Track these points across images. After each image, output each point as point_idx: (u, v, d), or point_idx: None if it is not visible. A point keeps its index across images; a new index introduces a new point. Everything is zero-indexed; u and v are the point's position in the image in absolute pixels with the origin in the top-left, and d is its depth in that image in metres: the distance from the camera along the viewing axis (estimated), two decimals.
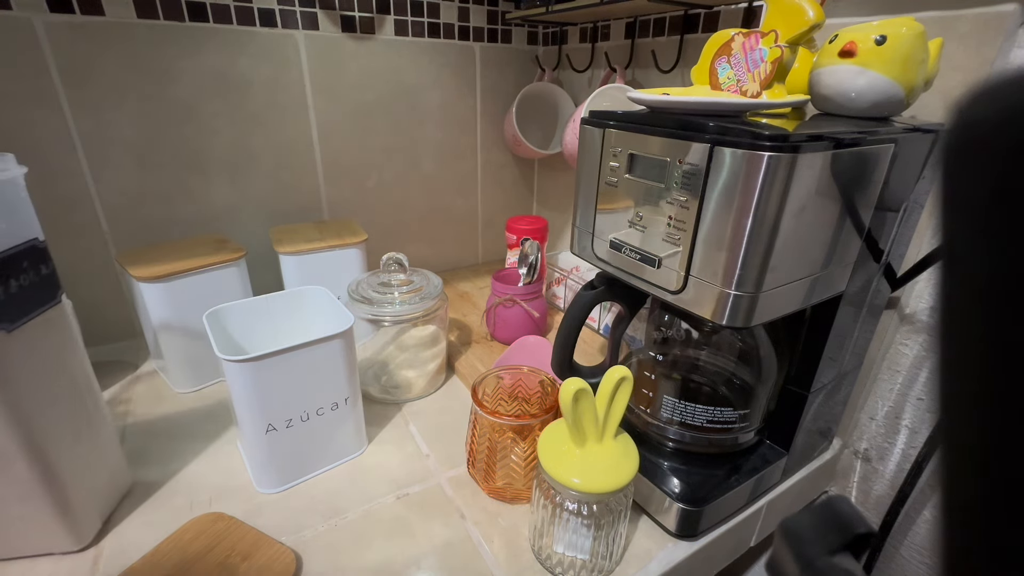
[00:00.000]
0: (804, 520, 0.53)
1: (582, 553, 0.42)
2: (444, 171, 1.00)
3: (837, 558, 0.52)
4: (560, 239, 1.07)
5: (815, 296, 0.41)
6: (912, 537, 0.58)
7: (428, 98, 0.92)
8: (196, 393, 0.67)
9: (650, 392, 0.50)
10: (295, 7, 0.76)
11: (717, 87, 0.44)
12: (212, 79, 0.73)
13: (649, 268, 0.41)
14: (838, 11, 0.54)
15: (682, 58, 0.72)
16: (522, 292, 0.75)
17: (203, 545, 0.44)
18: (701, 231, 0.36)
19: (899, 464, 0.58)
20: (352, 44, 0.82)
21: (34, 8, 0.61)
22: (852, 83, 0.41)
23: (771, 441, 0.53)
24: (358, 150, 0.89)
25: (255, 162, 0.80)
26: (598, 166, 0.44)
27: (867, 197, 0.40)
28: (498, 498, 0.52)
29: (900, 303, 0.55)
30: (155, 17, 0.68)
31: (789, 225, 0.34)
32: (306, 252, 0.72)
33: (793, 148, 0.32)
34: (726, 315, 0.37)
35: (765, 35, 0.40)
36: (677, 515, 0.47)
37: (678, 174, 0.37)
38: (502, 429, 0.49)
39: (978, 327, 0.11)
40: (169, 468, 0.55)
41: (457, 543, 0.47)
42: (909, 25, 0.39)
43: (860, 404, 0.60)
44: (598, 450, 0.42)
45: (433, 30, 0.88)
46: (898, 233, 0.46)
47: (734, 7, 0.66)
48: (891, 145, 0.38)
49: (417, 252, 1.03)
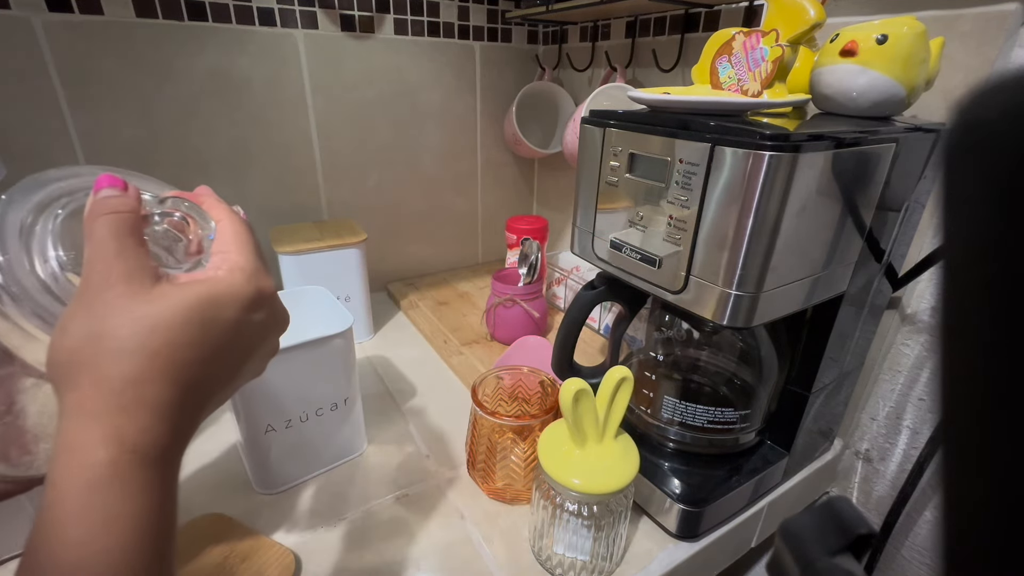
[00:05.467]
0: (805, 521, 0.53)
1: (582, 554, 0.42)
2: (444, 171, 1.00)
3: (838, 559, 0.52)
4: (560, 239, 1.07)
5: (816, 296, 0.41)
6: (913, 538, 0.58)
7: (428, 97, 0.92)
8: None
9: (651, 392, 0.50)
10: (294, 6, 0.75)
11: (718, 86, 0.44)
12: (211, 78, 0.73)
13: (650, 268, 0.41)
14: (839, 10, 0.54)
15: (683, 57, 0.72)
16: (522, 292, 0.75)
17: (202, 546, 0.44)
18: (702, 231, 0.36)
19: (900, 465, 0.58)
20: (352, 43, 0.82)
21: (33, 7, 0.61)
22: (853, 82, 0.40)
23: (772, 442, 0.53)
24: (358, 149, 0.89)
25: (254, 162, 0.80)
26: (598, 166, 0.44)
27: (868, 197, 0.40)
28: (498, 499, 0.52)
29: (901, 303, 0.55)
30: (154, 16, 0.67)
31: (790, 225, 0.34)
32: (305, 252, 0.72)
33: (794, 148, 0.32)
34: (727, 315, 0.37)
35: (766, 34, 0.40)
36: (678, 516, 0.46)
37: (679, 174, 0.37)
38: (502, 430, 0.49)
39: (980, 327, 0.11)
40: None
41: (457, 544, 0.47)
42: (910, 24, 0.39)
43: (861, 404, 0.60)
44: (598, 451, 0.42)
45: (433, 29, 0.88)
46: (899, 233, 0.46)
47: (735, 6, 0.66)
48: (892, 145, 0.38)
49: (417, 252, 1.03)
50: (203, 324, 0.23)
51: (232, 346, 0.25)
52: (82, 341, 0.21)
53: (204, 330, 0.23)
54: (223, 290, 0.25)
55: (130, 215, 0.24)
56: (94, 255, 0.23)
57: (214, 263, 0.26)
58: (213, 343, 0.24)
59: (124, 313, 0.22)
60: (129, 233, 0.24)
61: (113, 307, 0.22)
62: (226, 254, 0.27)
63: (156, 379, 0.22)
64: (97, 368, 0.21)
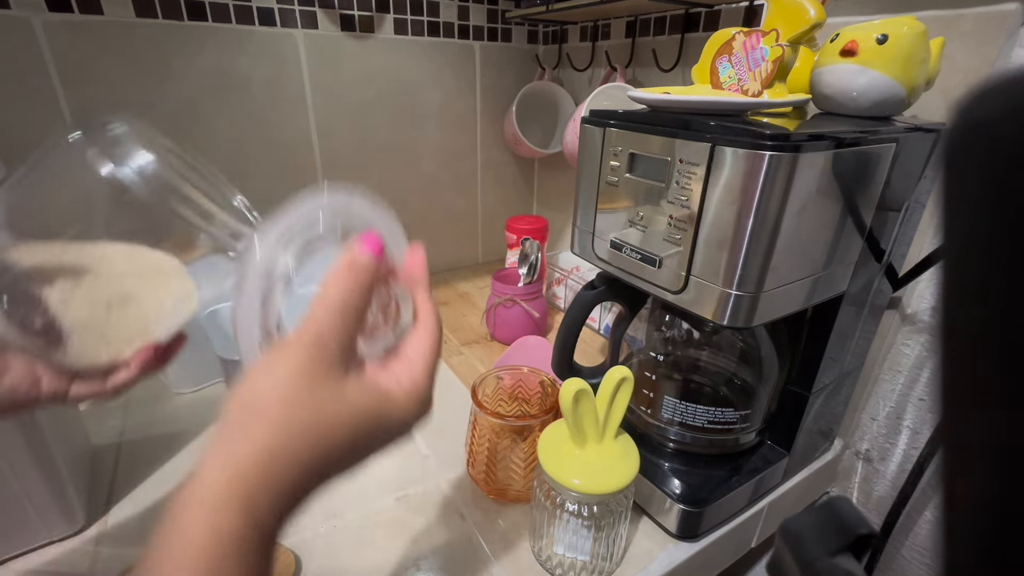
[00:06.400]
0: (805, 521, 0.53)
1: (582, 554, 0.42)
2: (444, 171, 0.99)
3: (838, 559, 0.52)
4: (560, 239, 1.07)
5: (816, 296, 0.41)
6: (914, 538, 0.57)
7: (428, 97, 0.92)
8: (195, 393, 0.67)
9: (651, 393, 0.50)
10: (294, 6, 0.75)
11: (718, 86, 0.44)
12: (211, 78, 0.73)
13: (650, 268, 0.41)
14: (839, 10, 0.54)
15: (683, 57, 0.72)
16: (522, 292, 0.75)
17: None
18: (702, 231, 0.36)
19: (900, 465, 0.58)
20: (351, 43, 0.82)
21: (33, 7, 0.61)
22: (853, 82, 0.40)
23: (772, 442, 0.53)
24: (358, 149, 0.89)
25: (254, 161, 0.80)
26: (599, 165, 0.44)
27: (868, 197, 0.40)
28: (498, 499, 0.52)
29: (901, 303, 0.55)
30: (154, 16, 0.67)
31: (790, 225, 0.34)
32: None
33: (794, 147, 0.31)
34: (727, 315, 0.37)
35: (766, 34, 0.40)
36: (678, 516, 0.46)
37: (679, 174, 0.37)
38: (502, 430, 0.49)
39: (980, 327, 0.11)
40: (168, 469, 0.54)
41: (457, 544, 0.47)
42: (910, 24, 0.39)
43: (861, 404, 0.60)
44: (598, 451, 0.42)
45: (433, 29, 0.88)
46: (899, 233, 0.46)
47: (735, 6, 0.66)
48: (892, 145, 0.38)
49: None
50: (367, 433, 0.24)
51: (372, 454, 0.25)
52: (260, 399, 0.22)
53: (364, 437, 0.24)
54: (394, 411, 0.25)
55: (369, 292, 0.24)
56: (319, 315, 0.23)
57: (399, 369, 0.26)
58: (363, 448, 0.24)
59: (309, 396, 0.22)
60: (355, 311, 0.24)
61: (303, 388, 0.22)
62: (412, 365, 0.26)
63: (306, 467, 0.22)
64: (257, 434, 0.21)
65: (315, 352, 0.22)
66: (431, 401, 0.27)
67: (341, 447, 0.23)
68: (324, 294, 0.24)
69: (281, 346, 0.23)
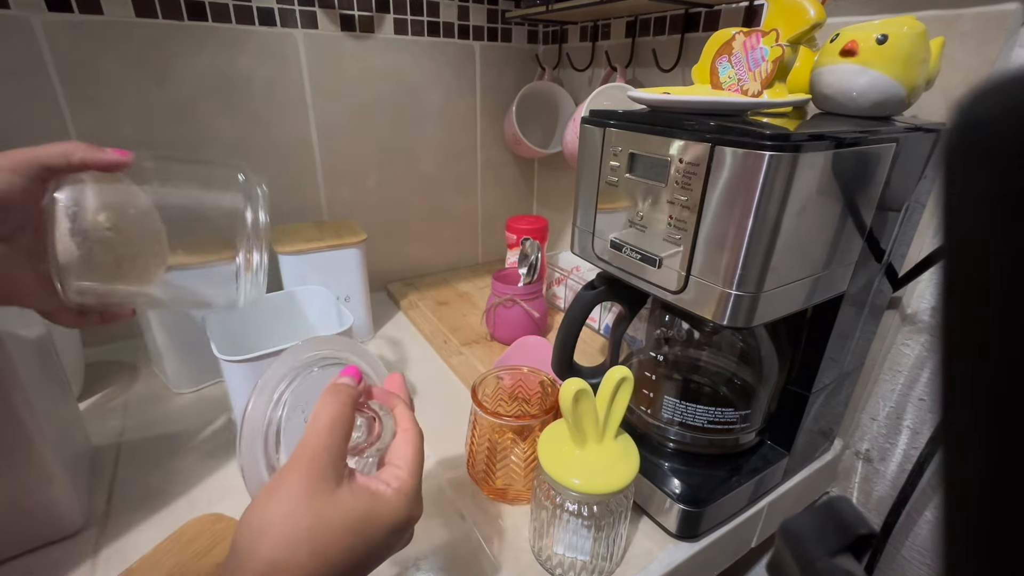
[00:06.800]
0: (805, 521, 0.53)
1: (582, 554, 0.42)
2: (444, 171, 0.99)
3: (838, 559, 0.52)
4: (560, 239, 1.07)
5: (816, 296, 0.41)
6: (914, 538, 0.57)
7: (428, 97, 0.92)
8: (195, 393, 0.67)
9: (651, 393, 0.50)
10: (294, 6, 0.75)
11: (718, 86, 0.44)
12: (211, 78, 0.73)
13: (650, 268, 0.41)
14: (839, 10, 0.54)
15: (683, 57, 0.72)
16: (522, 292, 0.75)
17: (202, 545, 0.44)
18: (702, 231, 0.36)
19: (900, 465, 0.58)
20: (351, 43, 0.82)
21: (33, 7, 0.61)
22: (853, 82, 0.40)
23: (772, 442, 0.53)
24: (358, 149, 0.89)
25: (254, 161, 0.80)
26: (598, 165, 0.44)
27: (868, 197, 0.40)
28: (498, 499, 0.52)
29: (902, 303, 0.55)
30: (154, 16, 0.67)
31: (790, 225, 0.34)
32: (305, 252, 0.72)
33: (794, 148, 0.31)
34: (727, 315, 0.37)
35: (766, 34, 0.40)
36: (678, 516, 0.46)
37: (679, 174, 0.37)
38: (502, 430, 0.49)
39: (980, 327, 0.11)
40: (168, 469, 0.54)
41: (457, 544, 0.47)
42: (910, 24, 0.39)
43: (861, 405, 0.60)
44: (598, 451, 0.42)
45: (433, 29, 0.88)
46: (900, 233, 0.46)
47: (735, 6, 0.66)
48: (892, 144, 0.38)
49: (417, 252, 1.03)
50: (363, 536, 0.26)
51: (372, 556, 0.27)
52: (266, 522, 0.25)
53: (359, 540, 0.26)
54: (385, 511, 0.27)
55: (351, 409, 0.29)
56: (311, 437, 0.27)
57: (387, 475, 0.29)
58: (361, 551, 0.26)
59: (308, 508, 0.25)
60: (342, 427, 0.28)
61: (302, 502, 0.25)
62: (399, 471, 0.30)
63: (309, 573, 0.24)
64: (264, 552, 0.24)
65: (311, 468, 0.26)
66: (420, 501, 0.30)
67: (341, 551, 0.25)
68: (314, 417, 0.28)
69: (281, 473, 0.26)
